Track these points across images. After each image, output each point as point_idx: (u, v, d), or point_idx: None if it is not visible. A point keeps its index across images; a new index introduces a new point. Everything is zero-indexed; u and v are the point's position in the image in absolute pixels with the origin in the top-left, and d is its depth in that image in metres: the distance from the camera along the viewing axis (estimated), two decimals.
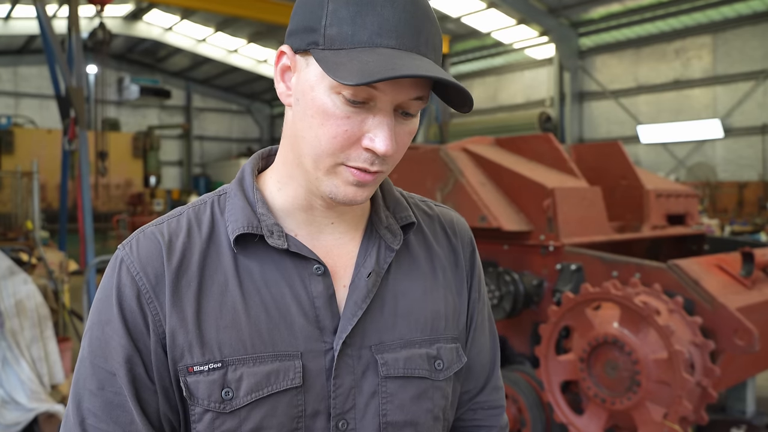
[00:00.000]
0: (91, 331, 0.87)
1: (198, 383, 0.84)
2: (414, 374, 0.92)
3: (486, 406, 1.08)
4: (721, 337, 2.99)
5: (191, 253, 0.88)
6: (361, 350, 0.89)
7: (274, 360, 0.85)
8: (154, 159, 18.42)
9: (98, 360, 0.86)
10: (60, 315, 5.79)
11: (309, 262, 0.89)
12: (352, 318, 0.88)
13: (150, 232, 0.90)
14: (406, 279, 0.95)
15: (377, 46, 0.77)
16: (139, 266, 0.86)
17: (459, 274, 1.03)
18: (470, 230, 1.08)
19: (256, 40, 20.95)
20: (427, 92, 0.82)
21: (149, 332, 0.85)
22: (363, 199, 0.85)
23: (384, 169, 0.84)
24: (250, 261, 0.89)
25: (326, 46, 0.78)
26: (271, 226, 0.89)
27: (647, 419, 2.86)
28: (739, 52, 14.81)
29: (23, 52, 20.99)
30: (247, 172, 0.95)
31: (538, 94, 18.45)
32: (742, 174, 14.90)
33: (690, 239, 4.62)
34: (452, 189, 3.86)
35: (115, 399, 0.84)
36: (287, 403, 0.85)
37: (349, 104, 0.79)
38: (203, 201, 0.95)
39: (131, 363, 0.85)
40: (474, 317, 1.04)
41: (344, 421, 0.87)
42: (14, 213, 8.57)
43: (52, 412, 4.36)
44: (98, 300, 0.89)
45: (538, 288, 3.66)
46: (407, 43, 0.78)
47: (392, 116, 0.81)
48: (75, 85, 7.54)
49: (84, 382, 0.86)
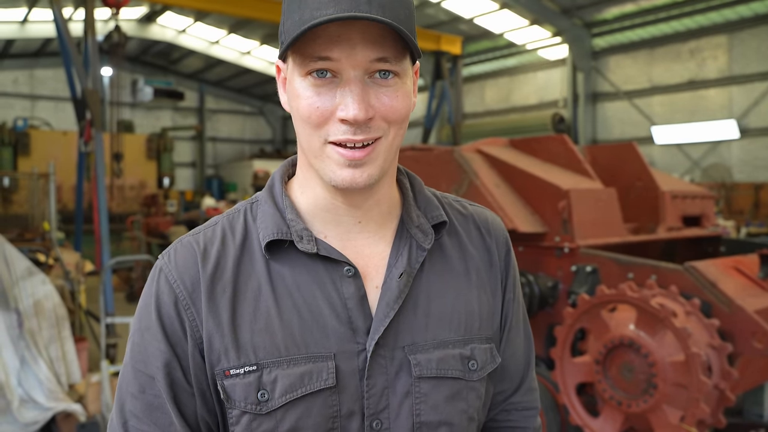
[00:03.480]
0: (133, 338, 0.92)
1: (234, 386, 0.86)
2: (447, 375, 0.92)
3: (520, 407, 1.08)
4: (739, 340, 2.97)
5: (225, 261, 0.91)
6: (394, 351, 0.90)
7: (308, 362, 0.87)
8: (168, 160, 18.53)
9: (139, 365, 0.90)
10: (76, 315, 5.85)
11: (339, 264, 0.90)
12: (384, 319, 0.89)
13: (187, 241, 0.94)
14: (439, 279, 0.96)
15: (317, 18, 0.79)
16: (177, 274, 0.90)
17: (493, 274, 1.02)
18: (506, 230, 1.08)
19: (268, 42, 21.03)
20: (392, 52, 0.83)
21: (187, 338, 0.88)
22: (363, 181, 0.85)
23: (374, 136, 0.84)
24: (282, 266, 0.91)
25: (285, 37, 0.84)
26: (300, 231, 0.91)
27: (664, 422, 2.84)
28: (755, 52, 14.65)
29: (39, 54, 21.19)
30: (277, 179, 0.98)
31: (552, 95, 18.36)
32: (758, 175, 14.73)
33: (706, 241, 4.58)
34: (467, 190, 3.86)
35: (155, 402, 0.88)
36: (322, 404, 0.87)
37: (318, 82, 0.83)
38: (237, 210, 0.98)
39: (169, 367, 0.88)
40: (509, 317, 1.04)
41: (378, 421, 0.89)
42: (31, 214, 8.67)
43: (69, 411, 4.40)
44: (139, 308, 0.93)
45: (553, 290, 3.65)
46: (345, 7, 0.79)
47: (360, 83, 0.82)
48: (91, 88, 7.60)
49: (126, 385, 0.90)
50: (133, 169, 16.90)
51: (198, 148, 25.56)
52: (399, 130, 0.87)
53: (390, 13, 0.80)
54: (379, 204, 0.94)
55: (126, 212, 15.59)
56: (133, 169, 16.69)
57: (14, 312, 4.54)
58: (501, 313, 1.03)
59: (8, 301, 4.54)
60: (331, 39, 0.80)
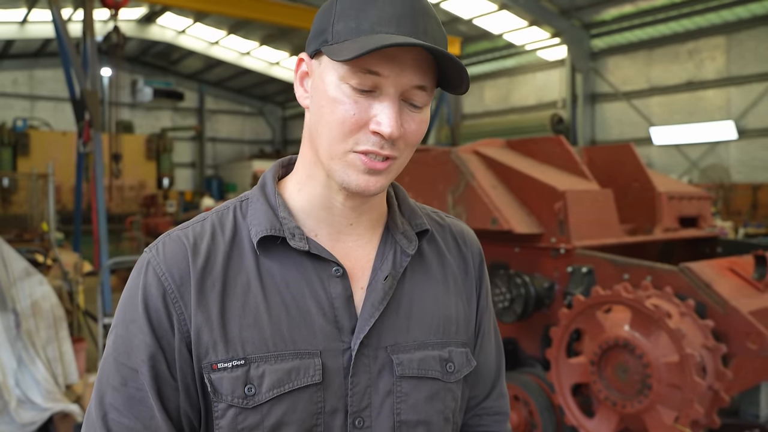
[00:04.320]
0: (116, 330, 0.91)
1: (222, 379, 0.87)
2: (427, 375, 0.95)
3: (491, 412, 1.12)
4: (734, 341, 2.98)
5: (215, 256, 0.92)
6: (377, 351, 0.93)
7: (295, 358, 0.89)
8: (167, 161, 18.56)
9: (122, 357, 0.89)
10: (74, 316, 5.86)
11: (328, 263, 0.93)
12: (369, 319, 0.92)
13: (176, 235, 0.94)
14: (420, 284, 0.99)
15: (378, 33, 0.83)
16: (165, 267, 0.90)
17: (468, 282, 1.07)
18: (479, 241, 1.13)
19: (268, 43, 21.05)
20: (430, 82, 0.87)
21: (174, 331, 0.89)
22: (376, 189, 0.88)
23: (395, 155, 0.88)
24: (272, 262, 0.92)
25: (334, 40, 0.85)
26: (292, 229, 0.93)
27: (658, 423, 2.85)
28: (753, 52, 14.67)
29: (39, 55, 21.22)
30: (269, 178, 1.00)
31: (550, 96, 18.37)
32: (756, 176, 14.74)
33: (703, 242, 4.59)
34: (463, 191, 3.87)
35: (137, 395, 0.88)
36: (307, 400, 0.88)
37: (356, 92, 0.84)
38: (226, 207, 0.99)
39: (154, 360, 0.88)
40: (482, 325, 1.08)
41: (360, 419, 0.91)
42: (30, 214, 8.68)
43: (67, 411, 4.41)
44: (124, 300, 0.92)
45: (549, 290, 3.66)
46: (405, 31, 0.83)
47: (397, 102, 0.85)
48: (90, 88, 7.61)
49: (107, 378, 0.90)
50: (133, 170, 16.93)
51: (197, 149, 25.58)
52: (411, 152, 0.92)
53: (439, 44, 0.86)
54: (372, 209, 0.97)
55: (125, 213, 15.61)
56: (132, 170, 16.71)
57: (12, 312, 4.54)
58: (475, 320, 1.07)
59: (6, 301, 4.55)
60: (386, 57, 0.83)
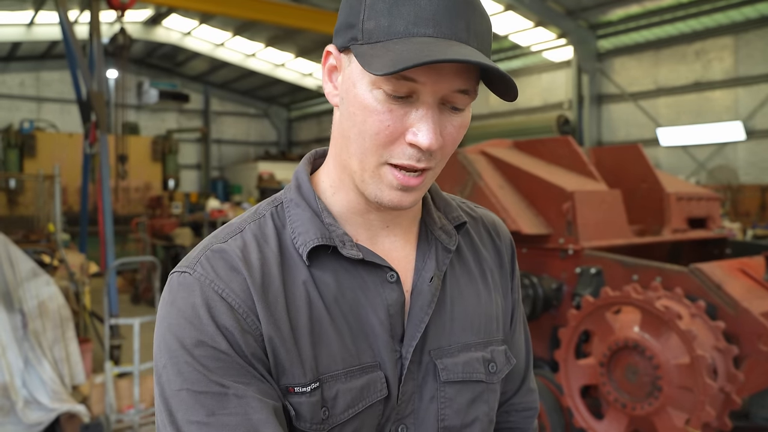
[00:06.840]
0: (176, 362, 0.77)
1: (301, 404, 0.80)
2: (472, 378, 0.91)
3: (520, 408, 1.08)
4: (745, 343, 2.95)
5: (269, 268, 0.83)
6: (422, 356, 0.88)
7: (362, 373, 0.84)
8: (173, 162, 18.60)
9: (199, 386, 0.76)
10: (81, 316, 5.87)
11: (382, 269, 0.86)
12: (420, 324, 0.87)
13: (218, 248, 0.84)
14: (459, 282, 0.94)
15: (413, 36, 0.74)
16: (223, 284, 0.80)
17: (504, 276, 1.02)
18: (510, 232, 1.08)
19: (273, 44, 21.06)
20: (473, 84, 0.78)
21: (251, 348, 0.79)
22: (409, 204, 0.82)
23: (431, 166, 0.80)
24: (323, 272, 0.85)
25: (364, 40, 0.76)
26: (341, 236, 0.86)
27: (668, 425, 2.83)
28: (761, 53, 14.58)
29: (45, 57, 21.29)
30: (304, 179, 0.91)
31: (556, 97, 18.32)
32: (764, 177, 14.65)
33: (711, 243, 4.56)
34: (471, 192, 3.85)
35: (232, 420, 0.75)
36: (373, 414, 0.85)
37: (390, 99, 0.76)
38: (261, 214, 0.90)
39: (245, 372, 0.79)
40: (514, 318, 1.04)
41: (404, 426, 0.87)
42: (36, 216, 8.71)
43: (73, 412, 4.41)
44: (173, 328, 0.79)
45: (557, 292, 3.64)
46: (445, 31, 0.74)
47: (436, 109, 0.77)
48: (96, 90, 7.62)
49: (186, 415, 0.76)
50: (139, 171, 16.97)
51: (203, 150, 25.61)
52: (447, 159, 0.84)
53: (482, 41, 0.77)
54: (409, 210, 0.90)
55: (131, 214, 15.63)
56: (138, 171, 16.75)
57: (19, 313, 4.55)
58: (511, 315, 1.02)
59: (13, 302, 4.55)
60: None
